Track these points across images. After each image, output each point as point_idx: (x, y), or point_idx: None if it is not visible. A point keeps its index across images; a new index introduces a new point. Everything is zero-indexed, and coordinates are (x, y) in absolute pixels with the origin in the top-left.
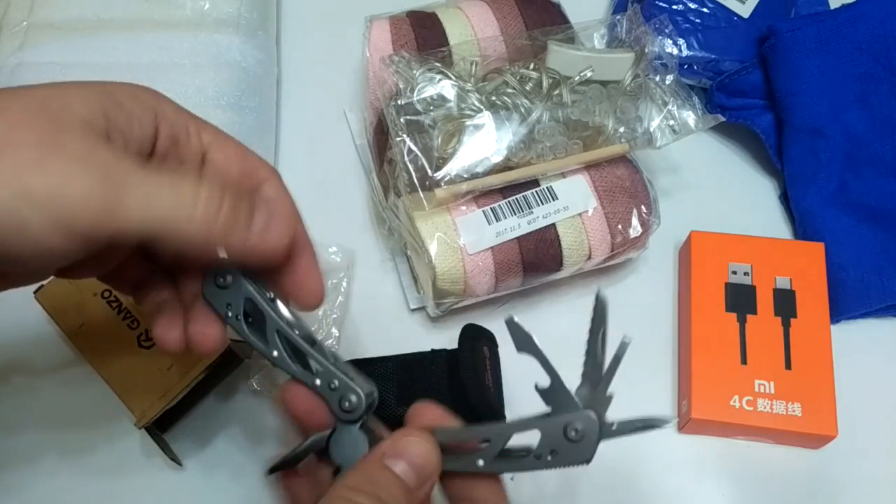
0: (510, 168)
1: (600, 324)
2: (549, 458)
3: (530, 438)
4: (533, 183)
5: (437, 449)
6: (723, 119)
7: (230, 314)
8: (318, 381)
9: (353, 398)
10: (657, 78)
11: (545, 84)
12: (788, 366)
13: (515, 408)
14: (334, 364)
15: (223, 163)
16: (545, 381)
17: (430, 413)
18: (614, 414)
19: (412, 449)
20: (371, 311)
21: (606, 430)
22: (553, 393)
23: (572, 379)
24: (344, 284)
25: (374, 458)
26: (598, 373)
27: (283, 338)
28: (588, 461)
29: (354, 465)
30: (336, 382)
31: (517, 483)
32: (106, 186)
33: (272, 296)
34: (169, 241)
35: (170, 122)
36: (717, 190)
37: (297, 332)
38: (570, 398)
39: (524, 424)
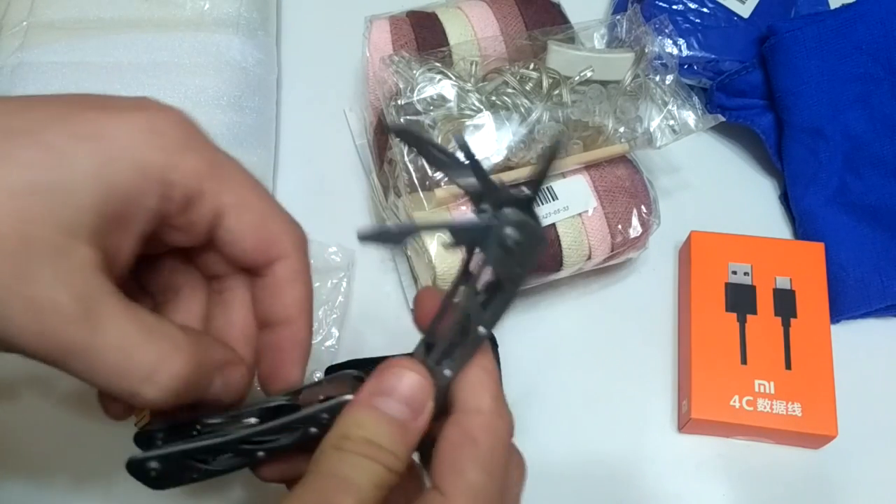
0: (510, 168)
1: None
2: (517, 269)
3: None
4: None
5: (425, 373)
6: (723, 119)
7: (193, 475)
8: (313, 430)
9: None
10: (657, 78)
11: (545, 84)
12: (788, 366)
13: (516, 408)
14: (304, 398)
15: (236, 234)
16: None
17: (427, 299)
18: (616, 411)
19: (398, 382)
20: (371, 311)
21: (529, 202)
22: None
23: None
24: (344, 284)
25: (359, 401)
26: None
27: (248, 439)
28: (544, 243)
29: (341, 414)
30: (324, 415)
31: None
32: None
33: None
34: (113, 384)
35: (183, 186)
36: (717, 190)
37: (253, 421)
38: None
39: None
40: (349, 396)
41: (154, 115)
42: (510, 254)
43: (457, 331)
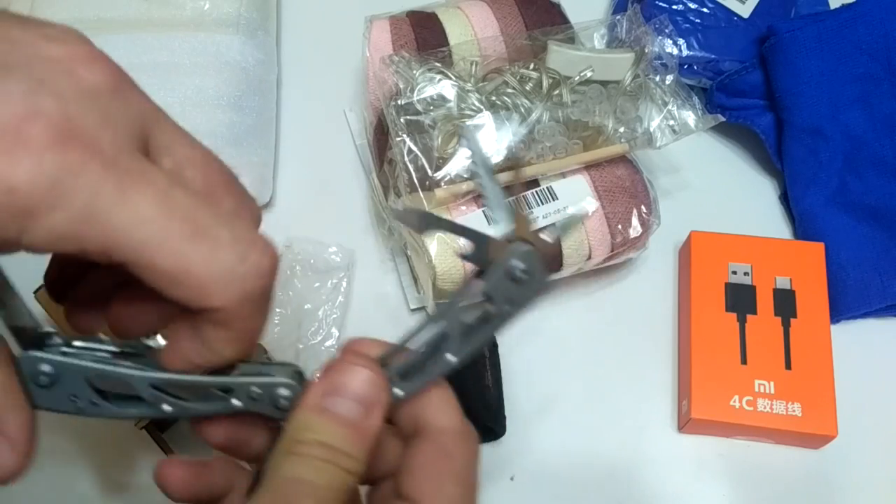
0: (510, 168)
1: (479, 156)
2: (507, 307)
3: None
4: (533, 183)
5: (376, 369)
6: (723, 119)
7: (79, 404)
8: (236, 402)
9: (285, 391)
10: (657, 78)
11: (545, 84)
12: (788, 366)
13: (516, 408)
14: (240, 373)
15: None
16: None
17: (359, 345)
18: (616, 411)
19: (348, 380)
20: (371, 311)
21: (543, 246)
22: (477, 250)
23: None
24: (344, 284)
25: (308, 402)
26: (500, 206)
27: (162, 387)
28: (548, 287)
29: (290, 417)
30: (255, 389)
31: (516, 483)
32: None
33: (115, 349)
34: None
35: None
36: (717, 190)
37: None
38: (497, 244)
39: (469, 294)
40: (285, 379)
41: (19, 159)
42: (513, 285)
43: (425, 353)
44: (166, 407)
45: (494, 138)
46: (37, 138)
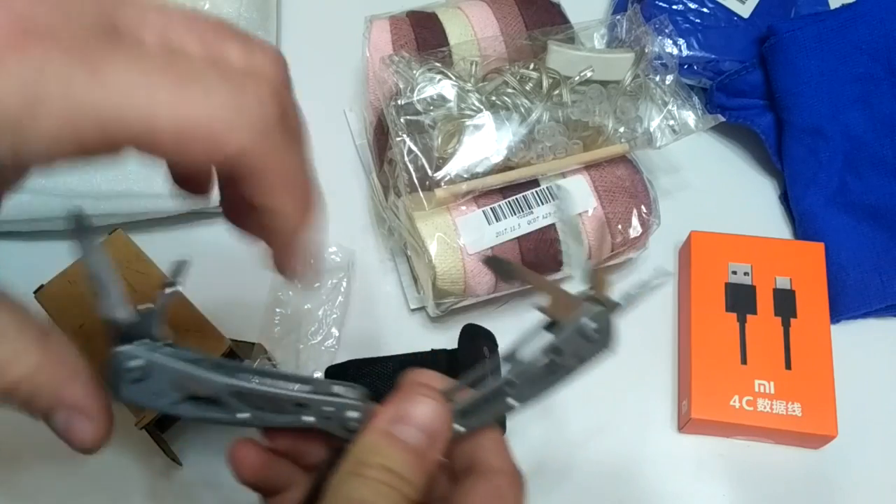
0: (510, 168)
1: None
2: (574, 361)
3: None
4: (533, 183)
5: (442, 403)
6: (723, 119)
7: (161, 401)
8: (307, 418)
9: (355, 414)
10: (657, 78)
11: (545, 84)
12: (788, 366)
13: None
14: (313, 389)
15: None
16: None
17: (425, 377)
18: (616, 411)
19: (415, 410)
20: (371, 311)
21: (616, 309)
22: (554, 303)
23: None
24: (344, 284)
25: (376, 427)
26: (589, 268)
27: (243, 395)
28: (615, 347)
29: (357, 439)
30: (327, 408)
31: None
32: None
33: (198, 356)
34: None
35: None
36: (717, 190)
37: (255, 380)
38: (574, 299)
39: (533, 339)
40: (356, 401)
41: None
42: (583, 342)
43: (487, 394)
44: (242, 415)
45: (494, 138)
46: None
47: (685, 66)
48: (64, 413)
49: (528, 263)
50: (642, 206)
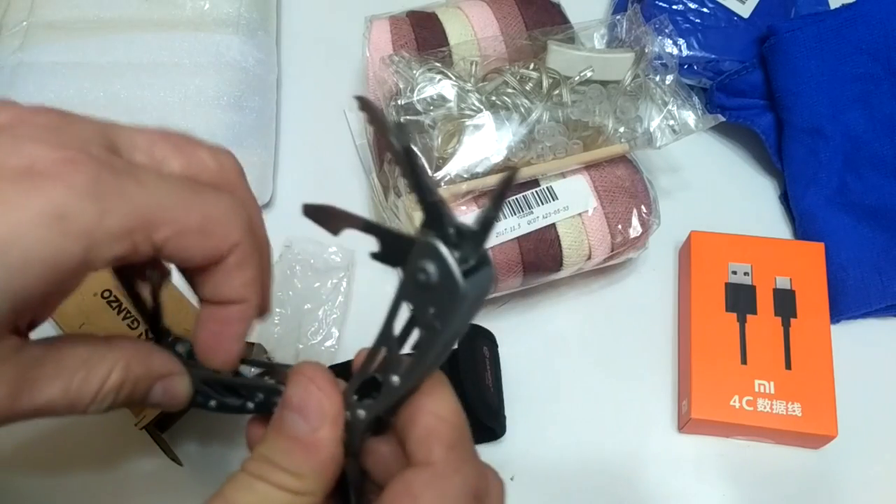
0: (510, 168)
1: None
2: (436, 322)
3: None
4: (533, 183)
5: (325, 379)
6: (723, 119)
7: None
8: (250, 405)
9: (279, 398)
10: (657, 78)
11: (545, 84)
12: (788, 366)
13: (516, 408)
14: (259, 375)
15: (182, 259)
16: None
17: (312, 364)
18: (616, 411)
19: (290, 392)
20: (371, 311)
21: (451, 236)
22: (384, 248)
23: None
24: (344, 284)
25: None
26: (432, 200)
27: (209, 383)
28: (480, 295)
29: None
30: (260, 395)
31: (516, 483)
32: None
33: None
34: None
35: (105, 258)
36: (717, 190)
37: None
38: (406, 239)
39: (392, 314)
40: (281, 388)
41: (50, 191)
42: (426, 293)
43: (381, 371)
44: (212, 402)
45: (494, 138)
46: (54, 170)
47: (685, 66)
48: (160, 384)
49: (528, 263)
50: (642, 206)
